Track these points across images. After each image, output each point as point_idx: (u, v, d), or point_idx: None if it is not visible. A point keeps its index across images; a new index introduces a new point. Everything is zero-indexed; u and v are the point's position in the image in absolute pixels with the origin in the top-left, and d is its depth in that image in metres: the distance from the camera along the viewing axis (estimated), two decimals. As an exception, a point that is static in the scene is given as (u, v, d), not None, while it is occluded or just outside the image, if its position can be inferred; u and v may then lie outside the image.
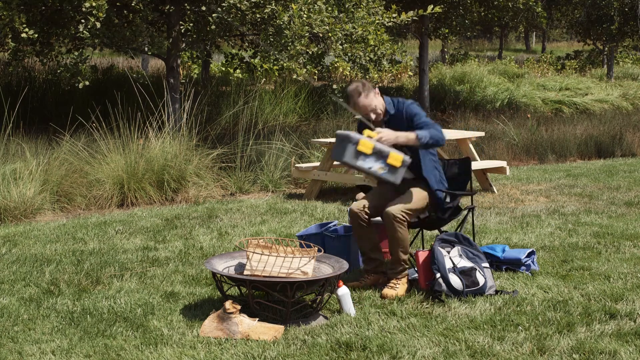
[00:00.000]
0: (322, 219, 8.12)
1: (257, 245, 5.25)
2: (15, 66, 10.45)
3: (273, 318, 5.05)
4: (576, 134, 13.71)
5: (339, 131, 5.71)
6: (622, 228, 7.61)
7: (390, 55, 15.92)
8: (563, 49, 39.48)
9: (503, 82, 20.04)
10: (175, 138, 9.73)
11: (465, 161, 6.33)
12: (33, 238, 7.36)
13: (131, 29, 10.44)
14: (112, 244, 7.15)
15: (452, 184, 6.35)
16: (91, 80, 13.93)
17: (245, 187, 10.00)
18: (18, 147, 9.55)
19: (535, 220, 8.02)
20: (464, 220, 6.29)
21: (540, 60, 26.72)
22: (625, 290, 5.62)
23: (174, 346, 4.67)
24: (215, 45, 13.98)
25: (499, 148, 12.70)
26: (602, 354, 4.49)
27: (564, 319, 5.04)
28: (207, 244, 7.12)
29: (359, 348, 4.60)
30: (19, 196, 8.39)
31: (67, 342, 4.73)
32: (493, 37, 43.63)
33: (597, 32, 22.94)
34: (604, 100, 18.83)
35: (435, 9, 11.00)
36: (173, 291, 5.70)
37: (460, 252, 5.71)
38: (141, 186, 9.17)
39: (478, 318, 5.08)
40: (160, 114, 9.82)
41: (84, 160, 9.38)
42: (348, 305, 5.22)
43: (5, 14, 9.22)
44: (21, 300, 5.51)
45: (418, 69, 18.07)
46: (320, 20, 10.25)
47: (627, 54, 28.48)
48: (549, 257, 6.57)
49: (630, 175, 11.00)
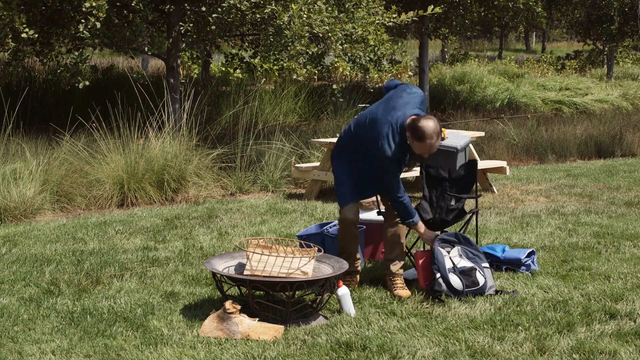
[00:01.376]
0: (322, 219, 8.12)
1: (257, 245, 5.25)
2: (15, 66, 10.44)
3: (273, 318, 5.05)
4: (576, 134, 13.71)
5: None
6: (622, 228, 7.62)
7: (390, 55, 15.94)
8: (563, 49, 39.48)
9: (503, 82, 20.05)
10: (175, 138, 9.73)
11: (471, 163, 6.32)
12: (33, 238, 7.36)
13: (131, 29, 10.44)
14: (112, 244, 7.15)
15: (458, 185, 6.35)
16: (91, 80, 13.93)
17: (245, 187, 10.00)
18: (18, 147, 9.55)
19: (535, 220, 8.02)
20: (467, 222, 6.29)
21: (540, 60, 26.72)
22: (625, 290, 5.62)
23: (174, 346, 4.67)
24: (215, 45, 13.98)
25: (499, 148, 12.70)
26: (602, 354, 4.49)
27: (564, 319, 5.04)
28: (207, 244, 7.12)
29: (359, 348, 4.60)
30: (19, 196, 8.39)
31: (67, 342, 4.73)
32: (493, 37, 43.64)
33: (597, 32, 22.94)
34: (604, 100, 18.83)
35: (436, 9, 11.00)
36: (173, 291, 5.70)
37: (460, 252, 5.71)
38: (141, 186, 9.17)
39: (478, 318, 5.08)
40: (160, 114, 9.82)
41: (84, 160, 9.38)
42: (348, 305, 5.22)
43: (5, 14, 9.22)
44: (21, 300, 5.51)
45: (418, 69, 18.07)
46: (320, 20, 10.25)
47: (627, 54, 28.48)
48: (549, 257, 6.57)
49: (630, 175, 11.00)
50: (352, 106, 14.40)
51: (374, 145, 5.40)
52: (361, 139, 5.56)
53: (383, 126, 5.39)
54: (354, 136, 5.65)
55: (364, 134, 5.54)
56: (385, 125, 5.39)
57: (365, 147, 5.52)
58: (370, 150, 5.45)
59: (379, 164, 5.44)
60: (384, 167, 5.45)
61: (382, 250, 6.60)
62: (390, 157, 5.37)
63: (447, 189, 6.37)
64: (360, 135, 5.58)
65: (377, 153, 5.40)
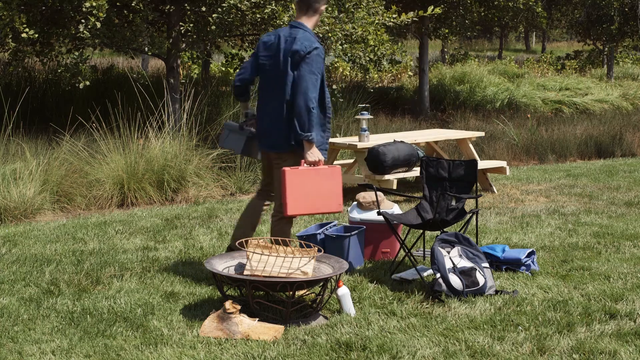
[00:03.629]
0: (322, 219, 8.13)
1: (257, 245, 5.25)
2: (15, 66, 10.44)
3: (273, 318, 5.05)
4: (576, 134, 13.70)
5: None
6: (622, 228, 7.62)
7: (390, 56, 15.93)
8: (563, 49, 39.46)
9: (503, 82, 20.02)
10: (175, 138, 9.73)
11: (472, 163, 6.32)
12: (33, 238, 7.36)
13: (131, 29, 10.44)
14: (112, 244, 7.15)
15: (458, 185, 6.35)
16: (91, 80, 13.91)
17: (245, 187, 9.99)
18: (18, 147, 9.55)
19: (535, 220, 8.02)
20: (467, 222, 6.29)
21: (540, 60, 26.70)
22: (625, 290, 5.62)
23: (174, 346, 4.67)
24: (215, 45, 13.97)
25: (499, 148, 12.69)
26: (602, 354, 4.49)
27: (564, 319, 5.04)
28: (207, 244, 7.12)
29: (359, 348, 4.60)
30: (19, 196, 8.39)
31: (67, 342, 4.73)
32: (493, 37, 43.62)
33: (597, 32, 22.92)
34: (604, 100, 18.81)
35: (436, 10, 11.00)
36: (173, 291, 5.70)
37: (460, 252, 5.71)
38: (141, 186, 9.17)
39: (478, 318, 5.08)
40: (160, 114, 9.82)
41: (84, 160, 9.38)
42: (348, 305, 5.22)
43: (5, 14, 9.22)
44: (21, 300, 5.51)
45: (418, 69, 18.06)
46: (320, 20, 10.24)
47: (627, 54, 28.46)
48: (549, 257, 6.57)
49: (630, 175, 11.00)
50: (352, 106, 14.39)
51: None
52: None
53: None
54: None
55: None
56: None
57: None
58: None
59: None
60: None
61: (382, 250, 6.61)
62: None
63: (447, 189, 6.37)
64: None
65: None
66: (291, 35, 5.50)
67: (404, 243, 6.15)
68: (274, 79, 5.55)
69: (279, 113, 5.54)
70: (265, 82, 5.66)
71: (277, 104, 5.54)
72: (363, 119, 9.18)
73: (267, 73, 5.61)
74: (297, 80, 5.40)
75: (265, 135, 5.70)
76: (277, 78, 5.52)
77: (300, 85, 5.37)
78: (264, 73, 5.64)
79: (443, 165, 6.43)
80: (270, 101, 5.60)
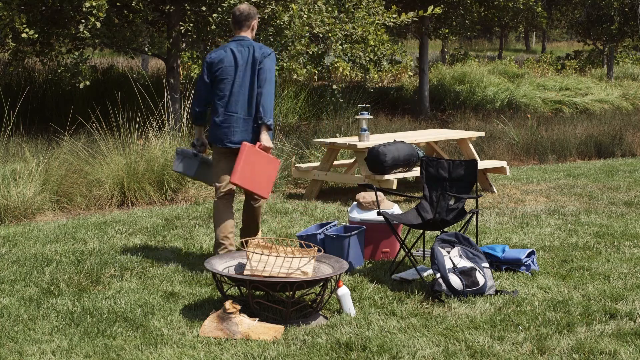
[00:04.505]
0: (322, 219, 8.13)
1: (257, 245, 5.25)
2: (15, 66, 10.45)
3: (273, 318, 5.05)
4: (576, 134, 13.70)
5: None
6: (622, 228, 7.62)
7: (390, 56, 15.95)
8: (563, 49, 39.46)
9: (503, 82, 20.02)
10: (175, 138, 9.73)
11: (472, 163, 6.32)
12: (33, 238, 7.36)
13: (131, 29, 10.44)
14: (112, 244, 7.16)
15: (458, 185, 6.34)
16: (91, 80, 13.92)
17: (245, 187, 9.99)
18: (18, 147, 9.55)
19: (535, 220, 8.02)
20: (467, 222, 6.29)
21: (540, 60, 26.70)
22: (625, 290, 5.63)
23: (174, 346, 4.67)
24: (215, 45, 13.98)
25: (499, 148, 12.69)
26: (602, 354, 4.49)
27: (564, 319, 5.04)
28: (207, 244, 7.12)
29: (359, 348, 4.60)
30: (19, 196, 8.39)
31: (67, 342, 4.73)
32: (493, 37, 43.63)
33: (597, 32, 22.92)
34: (604, 100, 18.81)
35: (436, 10, 10.99)
36: (173, 291, 5.70)
37: (460, 252, 5.71)
38: (141, 186, 9.17)
39: (478, 318, 5.08)
40: (160, 114, 9.82)
41: (84, 160, 9.38)
42: (348, 305, 5.22)
43: (5, 14, 9.22)
44: (21, 300, 5.51)
45: (418, 69, 18.06)
46: (320, 20, 10.25)
47: (627, 54, 28.46)
48: (549, 257, 6.57)
49: (630, 175, 11.00)
50: (352, 106, 14.40)
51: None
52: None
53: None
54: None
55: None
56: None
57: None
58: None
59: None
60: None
61: (382, 250, 6.61)
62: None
63: (447, 189, 6.37)
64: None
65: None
66: (244, 46, 6.17)
67: (404, 243, 6.15)
68: (239, 84, 6.13)
69: (248, 112, 6.16)
70: (226, 89, 6.16)
71: (247, 105, 6.14)
72: (363, 119, 9.18)
73: (229, 81, 6.16)
74: (263, 75, 6.08)
75: (235, 134, 6.15)
76: (242, 81, 6.12)
77: (267, 78, 6.08)
78: (223, 84, 6.16)
79: (443, 165, 6.43)
80: (238, 102, 6.14)
